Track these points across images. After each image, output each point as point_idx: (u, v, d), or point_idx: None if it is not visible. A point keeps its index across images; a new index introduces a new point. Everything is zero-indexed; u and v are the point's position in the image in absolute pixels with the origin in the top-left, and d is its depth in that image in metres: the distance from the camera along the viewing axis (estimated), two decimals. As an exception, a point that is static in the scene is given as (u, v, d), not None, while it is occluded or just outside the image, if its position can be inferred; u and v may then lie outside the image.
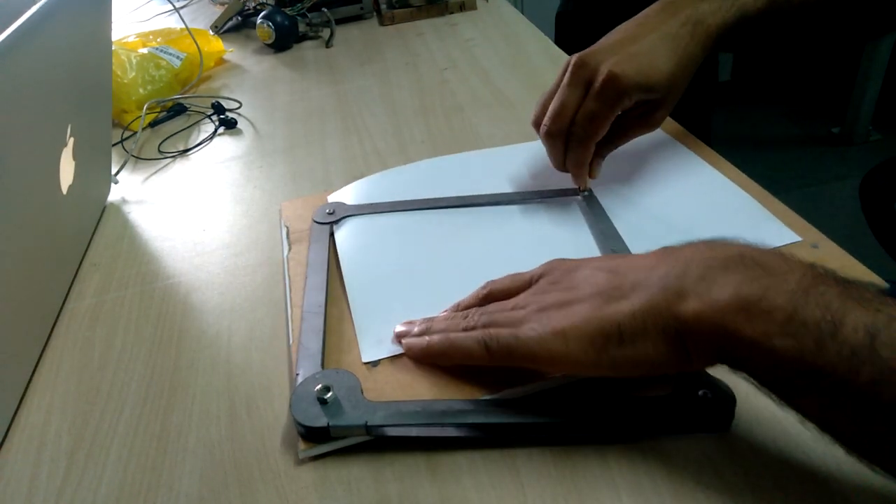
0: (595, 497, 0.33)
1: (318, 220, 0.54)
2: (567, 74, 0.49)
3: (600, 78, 0.47)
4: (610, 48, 0.49)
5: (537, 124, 0.52)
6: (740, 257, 0.30)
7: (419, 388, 0.39)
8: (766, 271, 0.29)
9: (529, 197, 0.54)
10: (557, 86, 0.51)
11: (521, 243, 0.49)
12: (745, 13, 0.49)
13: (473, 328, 0.38)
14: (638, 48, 0.48)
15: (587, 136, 0.49)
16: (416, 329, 0.41)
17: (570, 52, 0.83)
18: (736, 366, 0.30)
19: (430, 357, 0.39)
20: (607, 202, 0.52)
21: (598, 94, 0.48)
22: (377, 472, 0.36)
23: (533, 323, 0.35)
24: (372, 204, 0.56)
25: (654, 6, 0.51)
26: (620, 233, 0.48)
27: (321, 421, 0.36)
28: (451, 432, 0.35)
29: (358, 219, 0.54)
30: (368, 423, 0.35)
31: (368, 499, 0.34)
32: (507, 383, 0.38)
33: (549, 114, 0.50)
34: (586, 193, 0.53)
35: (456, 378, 0.39)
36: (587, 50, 0.49)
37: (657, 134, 0.60)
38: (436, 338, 0.39)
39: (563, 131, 0.50)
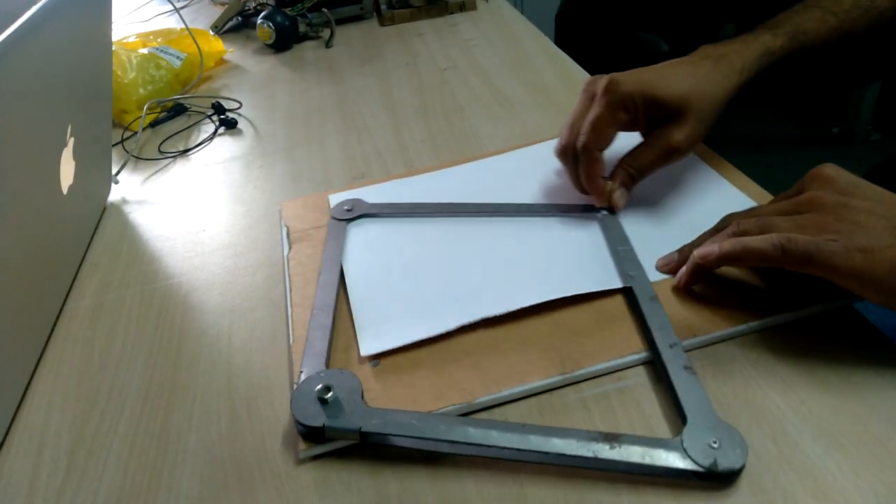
0: (596, 498, 0.33)
1: (335, 216, 0.54)
2: (579, 97, 0.50)
3: (602, 85, 0.48)
4: (622, 72, 0.49)
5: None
6: None
7: (421, 389, 0.39)
8: None
9: (548, 210, 0.52)
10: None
11: (532, 255, 0.48)
12: (768, 50, 0.50)
13: (762, 233, 0.38)
14: (649, 69, 0.49)
15: (590, 143, 0.48)
16: (676, 256, 0.44)
17: (569, 53, 0.84)
18: None
19: (724, 260, 0.40)
20: (630, 220, 0.50)
21: (599, 98, 0.48)
22: (377, 472, 0.36)
23: (832, 234, 0.36)
24: (392, 204, 0.55)
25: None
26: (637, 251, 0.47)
27: (318, 420, 0.36)
28: (444, 448, 0.35)
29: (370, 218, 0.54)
30: (363, 429, 0.35)
31: (368, 499, 0.35)
32: (505, 383, 0.38)
33: (561, 132, 0.51)
34: (605, 212, 0.50)
35: (457, 380, 0.39)
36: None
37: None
38: (727, 243, 0.39)
39: (571, 145, 0.49)
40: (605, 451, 0.33)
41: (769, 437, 0.34)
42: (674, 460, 0.32)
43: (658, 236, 0.48)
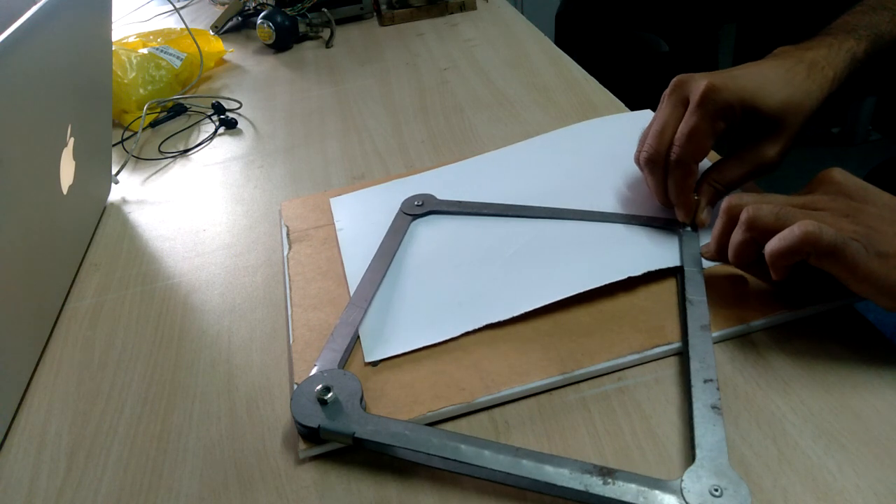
0: (595, 497, 0.33)
1: (405, 210, 0.54)
2: (664, 96, 0.47)
3: (699, 90, 0.44)
4: (713, 72, 0.46)
5: (638, 158, 0.49)
6: None
7: (421, 389, 0.39)
8: None
9: (625, 221, 0.49)
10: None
11: (572, 255, 0.46)
12: (854, 57, 0.48)
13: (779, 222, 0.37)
14: (745, 72, 0.46)
15: (686, 155, 0.44)
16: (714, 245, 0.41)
17: (570, 52, 0.84)
18: None
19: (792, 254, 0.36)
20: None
21: (696, 106, 0.44)
22: (377, 473, 0.36)
23: (854, 235, 0.35)
24: (462, 202, 0.54)
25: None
26: None
27: (314, 421, 0.36)
28: (436, 463, 0.35)
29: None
30: (357, 434, 0.35)
31: (368, 499, 0.35)
32: (505, 383, 0.38)
33: (647, 138, 0.47)
34: (688, 229, 0.47)
35: (457, 380, 0.39)
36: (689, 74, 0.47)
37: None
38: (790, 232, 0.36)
39: (661, 154, 0.46)
40: (597, 486, 0.31)
41: (769, 437, 0.34)
42: (668, 503, 0.31)
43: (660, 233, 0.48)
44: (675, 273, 0.45)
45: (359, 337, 0.43)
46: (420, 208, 0.54)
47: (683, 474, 0.32)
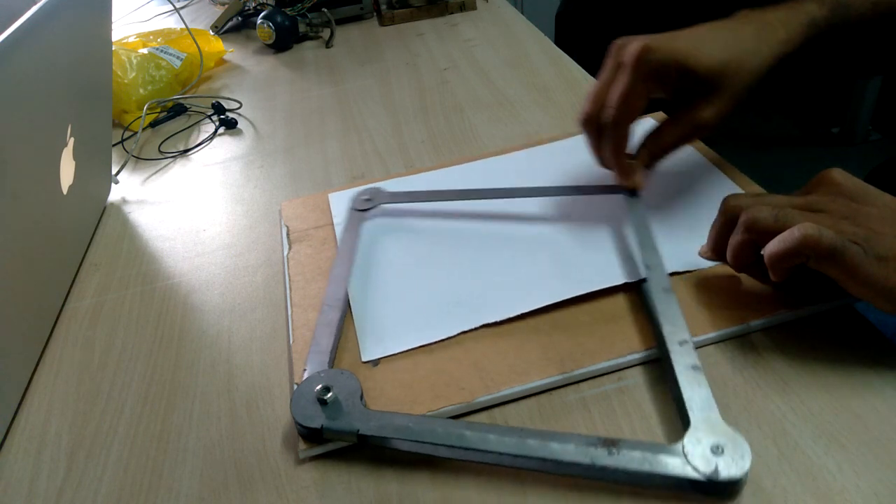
0: (595, 497, 0.33)
1: (355, 206, 0.54)
2: (606, 60, 0.47)
3: (633, 52, 0.44)
4: (655, 35, 0.45)
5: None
6: None
7: (420, 389, 0.39)
8: None
9: (568, 191, 0.51)
10: None
11: (544, 252, 0.47)
12: (813, 21, 0.47)
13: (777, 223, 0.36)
14: (685, 33, 0.45)
15: (619, 116, 0.45)
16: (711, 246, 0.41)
17: (570, 53, 0.84)
18: None
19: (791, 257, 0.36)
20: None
21: (629, 68, 0.44)
22: (377, 472, 0.36)
23: (854, 238, 0.34)
24: (411, 192, 0.55)
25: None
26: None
27: (316, 422, 0.36)
28: (442, 452, 0.35)
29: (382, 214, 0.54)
30: (361, 432, 0.35)
31: (368, 499, 0.35)
32: (505, 383, 0.38)
33: (585, 100, 0.47)
34: (627, 194, 0.48)
35: (457, 380, 0.39)
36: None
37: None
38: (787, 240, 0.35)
39: (595, 116, 0.46)
40: (603, 458, 0.32)
41: (769, 437, 0.34)
42: (674, 467, 0.31)
43: (660, 233, 0.48)
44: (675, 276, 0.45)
45: (351, 335, 0.43)
46: (369, 202, 0.54)
47: (683, 438, 0.32)
